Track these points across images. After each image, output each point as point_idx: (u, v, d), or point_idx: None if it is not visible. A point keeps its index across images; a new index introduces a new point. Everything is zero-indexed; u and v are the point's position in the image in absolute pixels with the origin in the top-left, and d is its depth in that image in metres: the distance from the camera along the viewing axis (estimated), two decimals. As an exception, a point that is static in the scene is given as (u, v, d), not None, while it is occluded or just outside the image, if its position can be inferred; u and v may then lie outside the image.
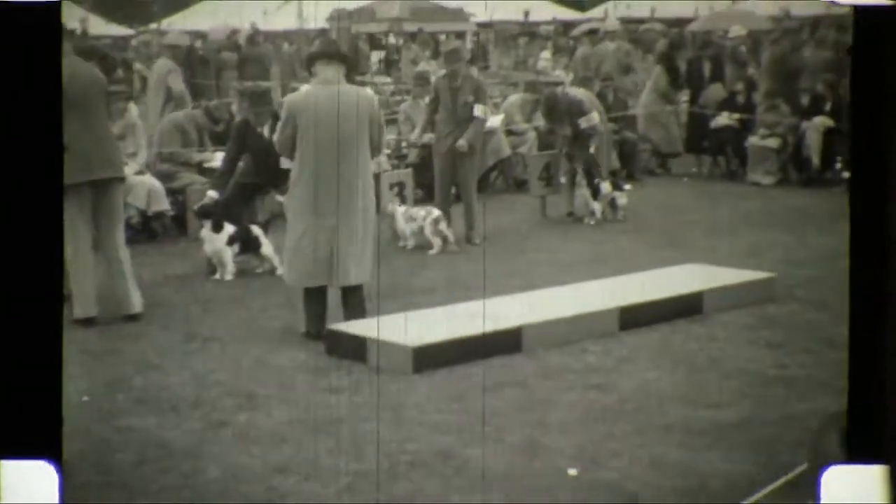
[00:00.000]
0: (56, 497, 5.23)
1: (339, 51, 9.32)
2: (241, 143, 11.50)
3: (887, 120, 5.21)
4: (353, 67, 9.29)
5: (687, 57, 20.74)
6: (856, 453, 5.21)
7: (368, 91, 9.35)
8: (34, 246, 5.24)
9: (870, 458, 5.19)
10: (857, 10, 5.23)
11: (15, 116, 5.21)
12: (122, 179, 9.97)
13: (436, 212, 12.61)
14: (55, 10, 5.20)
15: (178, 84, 16.58)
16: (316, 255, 8.89)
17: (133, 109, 14.06)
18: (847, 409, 5.16)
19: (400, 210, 12.76)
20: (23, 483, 5.17)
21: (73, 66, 9.55)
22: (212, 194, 11.32)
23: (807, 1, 25.01)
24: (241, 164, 11.64)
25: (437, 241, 12.43)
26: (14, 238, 5.20)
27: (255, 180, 11.69)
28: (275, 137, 9.39)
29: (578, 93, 15.09)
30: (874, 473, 5.17)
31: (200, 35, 27.52)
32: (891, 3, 5.18)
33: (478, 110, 13.06)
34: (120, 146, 10.09)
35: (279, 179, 11.41)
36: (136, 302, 9.77)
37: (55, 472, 5.23)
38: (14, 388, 5.19)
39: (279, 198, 11.32)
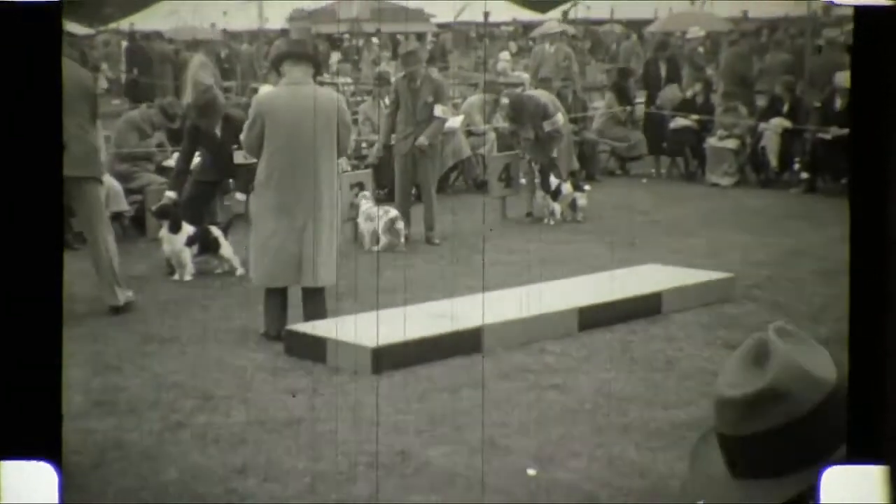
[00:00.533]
0: (56, 497, 5.22)
1: (308, 51, 9.33)
2: (193, 142, 11.49)
3: (887, 120, 5.25)
4: (319, 68, 9.29)
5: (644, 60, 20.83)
6: (856, 453, 5.24)
7: (335, 92, 9.35)
8: (34, 246, 5.22)
9: (870, 458, 5.23)
10: (857, 10, 5.26)
11: (15, 116, 5.19)
12: (97, 179, 10.01)
13: (393, 211, 12.62)
14: (55, 11, 5.18)
15: (207, 78, 16.44)
16: (284, 256, 8.88)
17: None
18: (847, 409, 5.19)
19: (364, 206, 12.73)
20: (23, 483, 5.15)
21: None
22: (170, 194, 11.30)
23: (771, 2, 25.18)
24: (196, 161, 11.64)
25: (385, 238, 12.43)
26: (14, 238, 5.18)
27: (211, 178, 11.67)
28: (241, 136, 9.37)
29: (542, 95, 15.14)
30: (874, 473, 5.21)
31: (159, 35, 27.47)
32: (891, 3, 5.22)
33: (438, 110, 13.08)
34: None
35: (235, 174, 11.43)
36: (122, 295, 9.90)
37: (55, 472, 5.21)
38: (14, 388, 5.17)
39: (239, 196, 11.30)
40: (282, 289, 9.07)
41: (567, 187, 14.42)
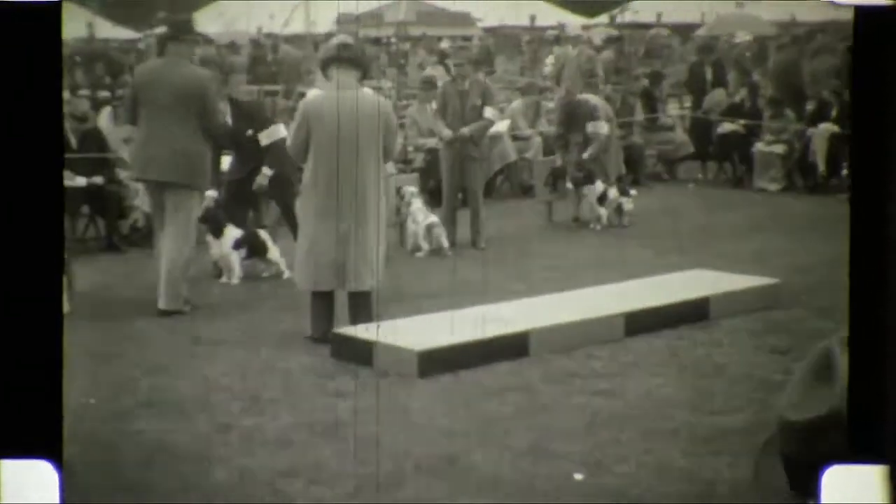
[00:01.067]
0: (56, 497, 5.23)
1: (356, 55, 9.32)
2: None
3: (888, 120, 5.22)
4: (367, 72, 9.30)
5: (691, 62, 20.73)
6: (856, 453, 5.22)
7: (382, 97, 9.36)
8: (34, 246, 5.24)
9: (870, 458, 5.20)
10: (857, 10, 5.24)
11: (15, 117, 5.21)
12: (200, 190, 10.17)
13: (432, 218, 12.62)
14: (55, 11, 5.20)
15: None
16: (329, 260, 8.90)
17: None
18: (848, 410, 5.17)
19: (414, 205, 12.75)
20: (23, 483, 5.17)
21: (175, 68, 10.10)
22: (211, 194, 11.34)
23: (812, 2, 24.99)
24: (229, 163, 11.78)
25: (425, 246, 12.46)
26: (14, 238, 5.20)
27: (239, 175, 11.75)
28: (288, 141, 9.40)
29: (592, 99, 15.12)
30: (874, 473, 5.18)
31: (207, 40, 27.55)
32: (891, 3, 5.19)
33: (488, 112, 13.11)
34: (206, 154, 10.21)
35: (260, 161, 11.44)
36: (182, 303, 10.08)
37: (55, 472, 5.23)
38: (14, 388, 5.19)
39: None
40: (328, 292, 9.09)
41: (614, 192, 14.40)
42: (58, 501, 5.24)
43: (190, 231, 10.14)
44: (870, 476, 5.16)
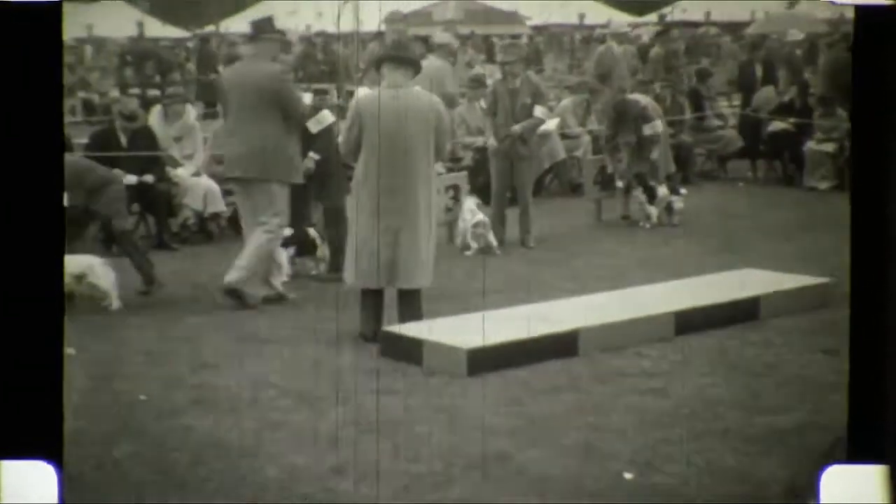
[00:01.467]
0: (56, 497, 5.26)
1: (408, 54, 9.34)
2: None
3: (888, 119, 5.20)
4: (419, 71, 9.32)
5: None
6: (856, 453, 5.21)
7: (434, 96, 9.37)
8: (34, 246, 5.27)
9: (870, 458, 5.19)
10: (857, 10, 5.22)
11: (15, 117, 5.23)
12: (271, 180, 10.28)
13: (480, 216, 12.61)
14: (56, 11, 5.22)
15: None
16: (379, 258, 8.91)
17: (190, 112, 14.17)
18: (848, 410, 5.15)
19: (467, 205, 12.77)
20: (23, 483, 5.20)
21: (256, 67, 10.32)
22: None
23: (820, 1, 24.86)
24: None
25: (473, 244, 12.45)
26: (14, 238, 5.23)
27: None
28: (339, 139, 9.43)
29: (643, 99, 15.07)
30: (874, 473, 5.17)
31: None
32: (891, 2, 5.17)
33: (538, 111, 13.09)
34: (278, 150, 10.33)
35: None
36: (274, 285, 10.41)
37: (55, 472, 5.25)
38: (14, 388, 5.21)
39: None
40: (378, 290, 9.10)
41: (663, 190, 14.35)
42: (58, 501, 5.27)
43: (282, 223, 10.42)
44: (870, 476, 5.14)
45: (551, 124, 15.99)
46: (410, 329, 8.73)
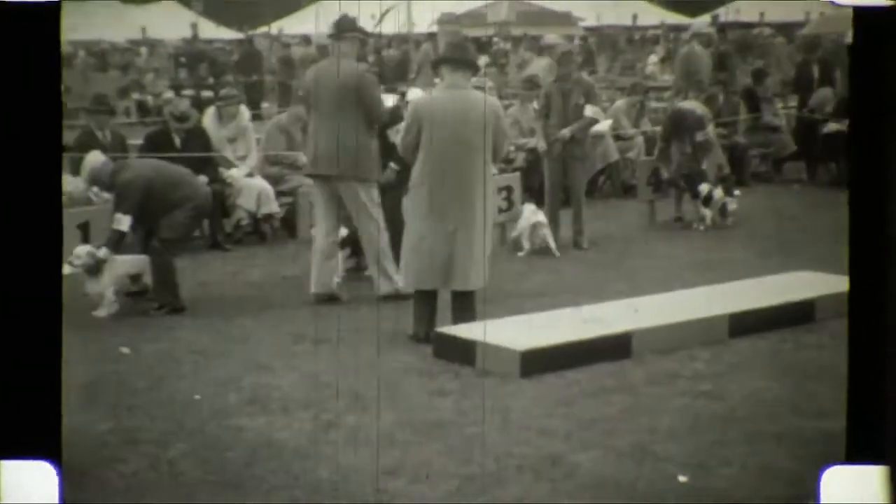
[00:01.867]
0: (56, 497, 5.27)
1: (468, 56, 9.37)
2: None
3: (887, 119, 5.17)
4: (477, 73, 9.36)
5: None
6: (856, 453, 5.19)
7: (493, 98, 9.38)
8: (34, 246, 5.29)
9: (870, 459, 5.16)
10: (857, 10, 5.20)
11: (15, 117, 5.25)
12: (369, 181, 10.40)
13: (541, 216, 12.60)
14: (55, 11, 5.24)
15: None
16: (434, 259, 8.92)
17: (244, 113, 14.23)
18: (847, 410, 5.12)
19: (529, 209, 12.76)
20: (23, 483, 5.22)
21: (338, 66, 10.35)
22: None
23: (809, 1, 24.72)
24: None
25: (527, 245, 12.43)
26: (14, 238, 5.25)
27: None
28: (398, 140, 9.44)
29: (698, 108, 14.98)
30: (874, 473, 5.13)
31: (307, 39, 27.76)
32: (891, 2, 5.14)
33: (589, 110, 13.05)
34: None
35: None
36: (397, 282, 10.22)
37: (55, 472, 5.27)
38: (14, 388, 5.23)
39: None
40: (432, 291, 9.11)
41: (717, 192, 14.28)
42: (58, 501, 5.29)
43: (378, 216, 10.44)
44: (870, 476, 5.11)
45: (605, 125, 15.94)
46: (464, 330, 8.73)
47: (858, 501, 5.23)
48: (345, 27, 10.60)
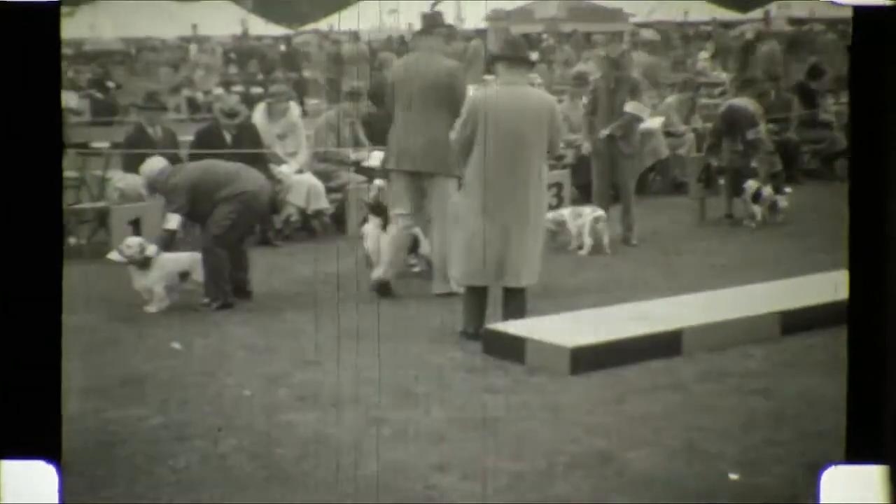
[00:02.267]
0: (56, 497, 5.28)
1: (524, 53, 9.36)
2: None
3: (887, 119, 5.14)
4: (532, 69, 9.35)
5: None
6: (856, 453, 5.16)
7: (549, 95, 9.37)
8: (34, 246, 5.29)
9: (870, 458, 5.13)
10: (857, 10, 5.17)
11: (15, 117, 5.26)
12: (440, 174, 10.41)
13: (599, 211, 12.56)
14: (55, 11, 5.25)
15: None
16: (487, 255, 8.91)
17: (294, 109, 14.26)
18: (847, 409, 5.09)
19: (566, 211, 12.73)
20: (23, 483, 5.23)
21: (426, 61, 10.44)
22: (379, 182, 11.48)
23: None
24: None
25: (589, 242, 12.38)
26: (15, 238, 5.26)
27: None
28: (452, 135, 9.43)
29: (750, 105, 14.88)
30: (874, 473, 5.10)
31: (355, 36, 27.82)
32: (891, 2, 5.10)
33: (629, 107, 12.99)
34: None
35: None
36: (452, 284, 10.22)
37: (55, 472, 5.28)
38: (14, 388, 5.24)
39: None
40: (482, 287, 9.09)
41: (768, 190, 14.19)
42: (58, 501, 5.30)
43: (449, 216, 10.35)
44: (870, 476, 5.07)
45: (655, 122, 15.89)
46: (513, 327, 8.71)
47: (858, 501, 5.20)
48: (433, 22, 10.62)
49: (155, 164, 10.50)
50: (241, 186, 10.23)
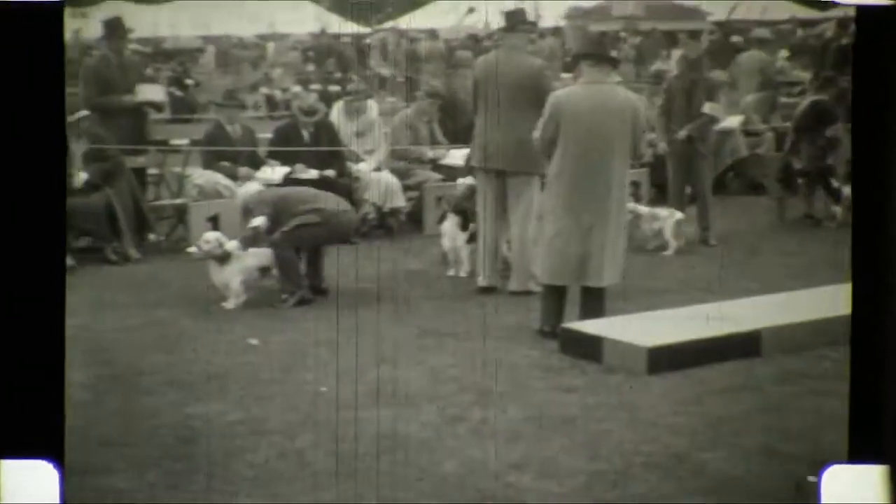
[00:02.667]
0: (56, 497, 5.30)
1: (608, 52, 9.34)
2: None
3: (888, 118, 5.08)
4: (617, 68, 9.31)
5: None
6: (856, 453, 5.11)
7: (633, 94, 9.33)
8: (38, 245, 5.32)
9: (870, 458, 5.08)
10: (858, 9, 5.11)
11: (17, 117, 5.29)
12: (525, 173, 10.46)
13: (679, 213, 12.50)
14: (57, 11, 5.27)
15: None
16: (570, 254, 8.90)
17: (373, 107, 14.30)
18: (848, 410, 5.04)
19: (645, 210, 12.69)
20: (23, 483, 5.25)
21: (511, 59, 10.47)
22: (465, 181, 11.48)
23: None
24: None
25: (674, 243, 12.31)
26: (16, 238, 5.28)
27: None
28: (535, 134, 9.41)
29: (829, 103, 14.75)
30: (874, 473, 5.05)
31: (433, 34, 27.83)
32: (891, 2, 5.04)
33: (706, 107, 12.92)
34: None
35: None
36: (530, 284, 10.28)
37: (55, 472, 5.30)
38: (15, 387, 5.27)
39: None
40: (561, 287, 9.07)
41: (847, 190, 14.05)
42: (58, 501, 5.33)
43: (531, 215, 10.42)
44: (870, 476, 5.02)
45: (734, 121, 15.77)
46: (591, 326, 8.69)
47: (858, 501, 5.16)
48: (516, 20, 10.61)
49: (251, 187, 10.86)
50: (322, 205, 10.37)
